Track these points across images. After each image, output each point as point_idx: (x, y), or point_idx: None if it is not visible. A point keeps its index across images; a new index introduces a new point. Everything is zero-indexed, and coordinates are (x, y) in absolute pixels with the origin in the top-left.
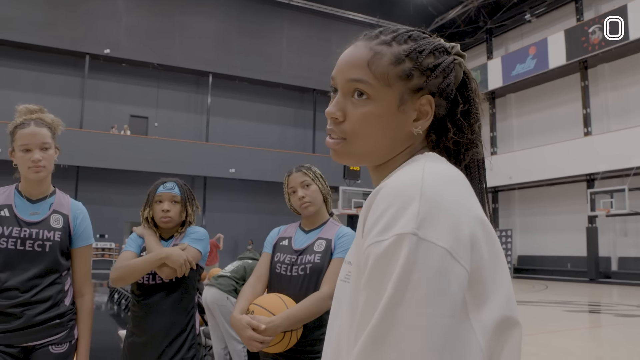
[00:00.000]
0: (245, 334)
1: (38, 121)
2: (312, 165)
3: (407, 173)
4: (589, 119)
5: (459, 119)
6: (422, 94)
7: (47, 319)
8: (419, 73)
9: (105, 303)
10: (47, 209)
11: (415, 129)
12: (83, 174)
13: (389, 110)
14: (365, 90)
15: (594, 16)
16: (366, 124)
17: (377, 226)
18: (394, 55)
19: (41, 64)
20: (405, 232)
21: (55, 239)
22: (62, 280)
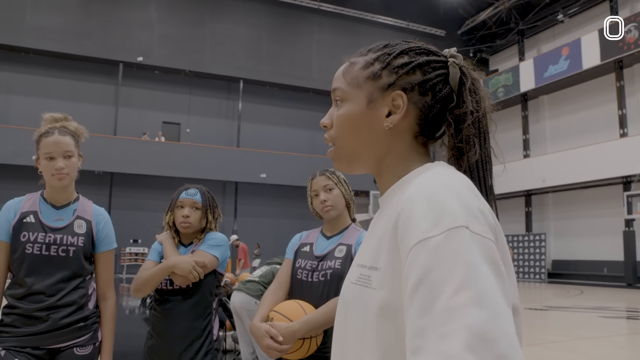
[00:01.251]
0: (264, 343)
1: (62, 129)
2: (336, 170)
3: (430, 177)
4: (625, 120)
5: (448, 120)
6: (393, 90)
7: (71, 322)
8: (388, 72)
9: (138, 307)
10: (71, 214)
11: (385, 124)
12: (117, 180)
13: (359, 108)
14: (339, 95)
15: (629, 14)
16: (341, 125)
17: (421, 225)
18: (365, 61)
19: (76, 72)
20: (457, 225)
21: (79, 244)
22: (86, 284)
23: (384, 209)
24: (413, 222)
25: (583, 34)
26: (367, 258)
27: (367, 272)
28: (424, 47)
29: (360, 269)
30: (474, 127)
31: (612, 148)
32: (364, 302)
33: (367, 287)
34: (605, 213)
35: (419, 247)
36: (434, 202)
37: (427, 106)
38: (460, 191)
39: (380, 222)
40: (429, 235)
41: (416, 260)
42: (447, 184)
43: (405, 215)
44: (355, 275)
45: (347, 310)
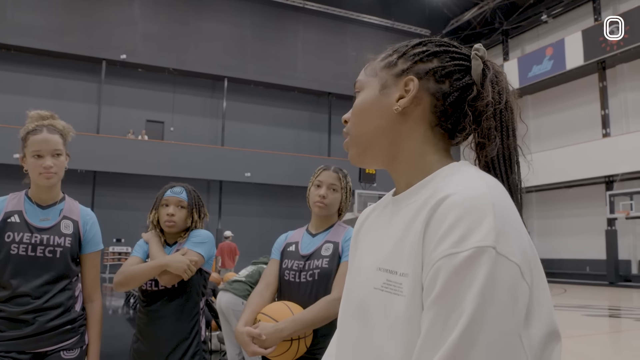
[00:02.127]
0: (249, 349)
1: (50, 127)
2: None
3: (468, 183)
4: (607, 120)
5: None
6: (406, 76)
7: (58, 325)
8: (404, 60)
9: (122, 307)
10: (57, 214)
11: (394, 107)
12: (100, 179)
13: (372, 94)
14: (358, 87)
15: (612, 15)
16: (355, 113)
17: (450, 237)
18: (385, 55)
19: (58, 70)
20: (486, 245)
21: (66, 244)
22: (73, 286)
23: (404, 209)
24: (443, 232)
25: (567, 35)
26: (394, 263)
27: (397, 279)
28: (444, 40)
29: (387, 275)
30: (495, 119)
31: (595, 148)
32: (394, 310)
33: (397, 295)
34: (588, 212)
35: (444, 262)
36: (469, 214)
37: (443, 94)
38: (497, 204)
39: (401, 224)
40: (455, 251)
41: (439, 275)
42: (486, 193)
43: (438, 222)
44: (381, 280)
45: (367, 316)
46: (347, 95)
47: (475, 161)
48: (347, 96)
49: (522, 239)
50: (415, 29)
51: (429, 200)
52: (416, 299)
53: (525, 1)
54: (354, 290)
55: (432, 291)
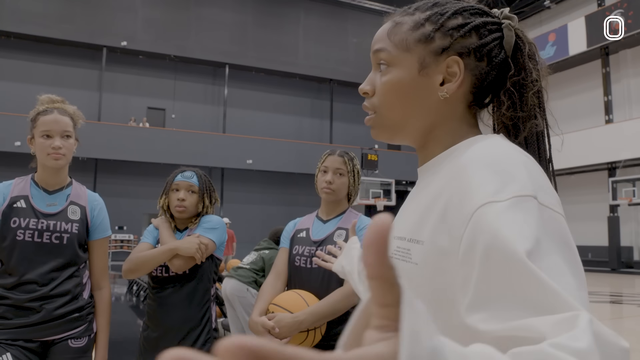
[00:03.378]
0: None
1: (61, 110)
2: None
3: (490, 146)
4: (610, 106)
5: (509, 89)
6: (448, 55)
7: (66, 312)
8: (442, 34)
9: (125, 294)
10: (65, 200)
11: (441, 93)
12: (101, 166)
13: (410, 75)
14: (385, 58)
15: (615, 1)
16: (388, 92)
17: (485, 188)
18: (413, 21)
19: (59, 57)
20: (526, 194)
21: (73, 230)
22: (80, 273)
23: (428, 178)
24: (473, 188)
25: (569, 20)
26: (407, 230)
27: (405, 245)
28: (477, 6)
29: (398, 242)
30: (536, 97)
31: (598, 134)
32: (417, 281)
33: (404, 262)
34: (590, 199)
35: (484, 209)
36: (499, 170)
37: (483, 73)
38: (526, 163)
39: (423, 193)
40: (495, 199)
41: (482, 224)
42: (512, 155)
43: (461, 183)
44: (393, 247)
45: None
46: (349, 82)
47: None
48: (349, 82)
49: (557, 196)
50: None
51: (451, 167)
52: (429, 267)
53: None
54: None
55: (478, 246)
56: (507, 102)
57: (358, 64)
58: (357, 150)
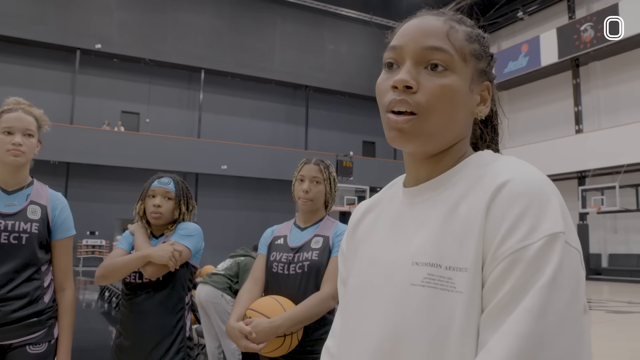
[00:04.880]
0: (241, 344)
1: (26, 110)
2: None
3: (522, 170)
4: (580, 117)
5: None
6: (484, 79)
7: (23, 316)
8: (484, 57)
9: (96, 301)
10: (24, 199)
11: (479, 113)
12: (73, 170)
13: (465, 87)
14: (445, 60)
15: (585, 14)
16: (444, 97)
17: (520, 228)
18: (466, 33)
19: (31, 58)
20: (557, 231)
21: (33, 230)
22: (42, 275)
23: (437, 195)
24: (511, 223)
25: (542, 32)
26: (436, 255)
27: (444, 273)
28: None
29: (428, 269)
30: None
31: (568, 144)
32: (441, 307)
33: (447, 291)
34: None
35: (517, 255)
36: (536, 201)
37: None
38: (555, 192)
39: (436, 212)
40: (528, 243)
41: (514, 269)
42: (543, 178)
43: (502, 210)
44: (420, 275)
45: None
46: (324, 89)
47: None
48: (324, 89)
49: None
50: (393, 24)
51: (476, 185)
52: (476, 296)
53: None
54: (370, 292)
55: (502, 286)
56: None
57: (334, 71)
58: (332, 157)
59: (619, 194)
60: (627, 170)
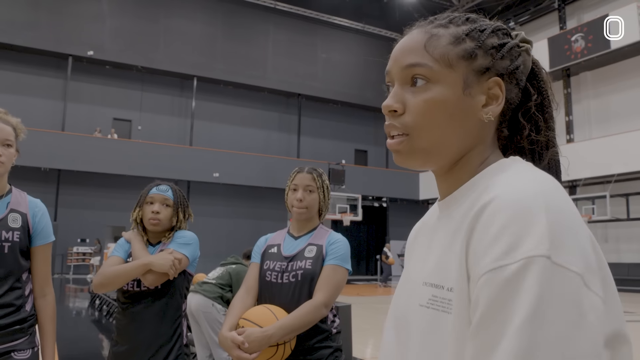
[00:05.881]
0: (233, 354)
1: (4, 119)
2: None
3: (517, 182)
4: (571, 126)
5: (533, 114)
6: (489, 75)
7: (6, 324)
8: (483, 52)
9: (86, 309)
10: (4, 208)
11: (485, 115)
12: (65, 178)
13: (454, 94)
14: (425, 74)
15: (576, 25)
16: (430, 112)
17: (497, 247)
18: (452, 35)
19: (23, 65)
20: (538, 254)
21: (14, 239)
22: (23, 284)
23: (451, 212)
24: (489, 241)
25: (533, 42)
26: (440, 276)
27: (445, 295)
28: (504, 26)
29: (432, 290)
30: (553, 123)
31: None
32: (440, 330)
33: (446, 313)
34: None
35: (491, 275)
36: (519, 218)
37: (514, 97)
38: (552, 204)
39: (448, 229)
40: (503, 264)
41: (485, 291)
42: (538, 193)
43: (483, 228)
44: (426, 296)
45: (410, 335)
46: (317, 97)
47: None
48: (317, 97)
49: (584, 242)
50: (385, 32)
51: (474, 203)
52: (462, 315)
53: (493, 8)
54: (398, 306)
55: (476, 314)
56: (528, 127)
57: (326, 79)
58: (325, 165)
59: (609, 203)
60: (618, 180)
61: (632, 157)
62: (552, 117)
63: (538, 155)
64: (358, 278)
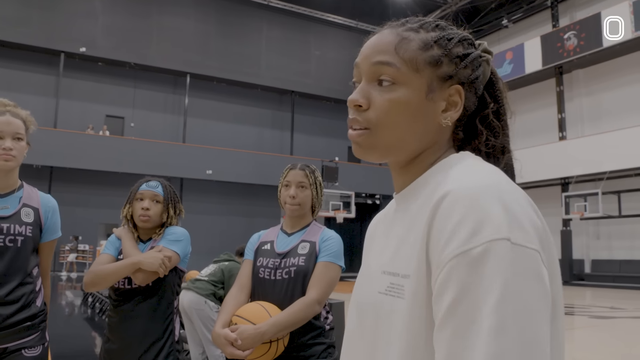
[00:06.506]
0: (226, 351)
1: (14, 112)
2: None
3: (470, 174)
4: (564, 124)
5: (491, 120)
6: (451, 83)
7: (18, 320)
8: (448, 60)
9: (79, 306)
10: (17, 202)
11: (444, 120)
12: (57, 175)
13: (418, 98)
14: (393, 74)
15: (569, 23)
16: (393, 112)
17: (459, 234)
18: (422, 40)
19: (14, 61)
20: (499, 237)
21: (27, 233)
22: (34, 279)
23: (407, 205)
24: (451, 229)
25: (526, 40)
26: (396, 264)
27: (400, 281)
28: (470, 37)
29: (390, 278)
30: (508, 130)
31: (552, 151)
32: (395, 314)
33: (399, 298)
34: (544, 213)
35: (458, 260)
36: (476, 206)
37: (471, 104)
38: (504, 192)
39: (404, 221)
40: (468, 247)
41: (453, 276)
42: (490, 183)
43: (443, 218)
44: (385, 284)
45: (371, 322)
46: (310, 94)
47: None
48: (310, 95)
49: (536, 223)
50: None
51: (430, 196)
52: (418, 301)
53: (486, 5)
54: (359, 294)
55: (444, 300)
56: (486, 132)
57: (320, 77)
58: (318, 162)
59: (601, 200)
60: (610, 177)
61: (623, 155)
62: (507, 124)
63: (495, 159)
64: (351, 275)
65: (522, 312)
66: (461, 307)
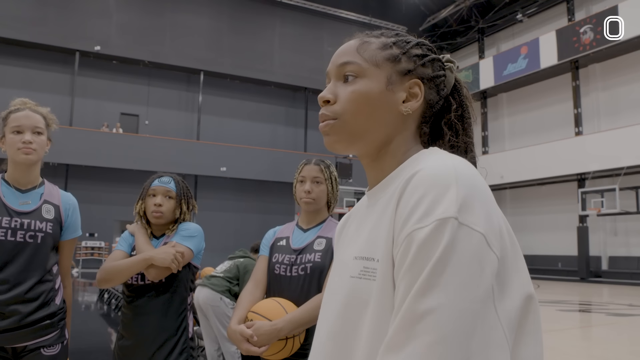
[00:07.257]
0: (242, 348)
1: (33, 109)
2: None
3: (434, 161)
4: (580, 119)
5: (454, 122)
6: (411, 77)
7: (37, 319)
8: (407, 58)
9: (95, 303)
10: (38, 199)
11: (405, 109)
12: (72, 172)
13: (378, 88)
14: (354, 70)
15: (585, 16)
16: (355, 101)
17: (416, 213)
18: (381, 42)
19: (30, 60)
20: (447, 216)
21: (48, 230)
22: (53, 277)
23: (379, 199)
24: (410, 208)
25: (541, 34)
26: (369, 249)
27: (373, 265)
28: (430, 45)
29: (363, 262)
30: (471, 131)
31: (568, 146)
32: (366, 295)
33: (373, 281)
34: (560, 209)
35: (412, 237)
36: (433, 187)
37: (433, 100)
38: (461, 175)
39: (375, 213)
40: (420, 226)
41: (408, 251)
42: (450, 166)
43: (406, 199)
44: (358, 269)
45: (345, 306)
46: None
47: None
48: None
49: (489, 208)
50: (392, 26)
51: (400, 183)
52: (387, 279)
53: (500, 0)
54: (331, 282)
55: (402, 267)
56: (449, 133)
57: None
58: (332, 159)
59: (618, 196)
60: (627, 173)
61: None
62: (470, 127)
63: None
64: None
65: (452, 283)
66: (411, 274)
